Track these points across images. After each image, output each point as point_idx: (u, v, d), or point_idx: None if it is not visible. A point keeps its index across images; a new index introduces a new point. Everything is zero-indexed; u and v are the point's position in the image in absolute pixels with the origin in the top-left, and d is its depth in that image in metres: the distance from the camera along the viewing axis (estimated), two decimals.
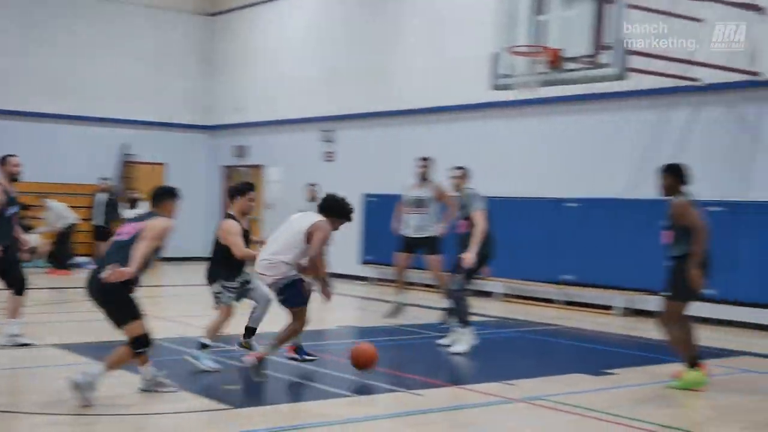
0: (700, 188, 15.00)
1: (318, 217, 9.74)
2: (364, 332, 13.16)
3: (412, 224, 13.90)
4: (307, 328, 9.81)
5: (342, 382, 9.42)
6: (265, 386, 9.26)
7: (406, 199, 14.11)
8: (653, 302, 15.62)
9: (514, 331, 11.47)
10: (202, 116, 26.47)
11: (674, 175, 9.78)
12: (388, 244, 20.65)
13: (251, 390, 9.09)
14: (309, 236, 9.59)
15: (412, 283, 15.79)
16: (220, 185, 26.31)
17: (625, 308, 15.87)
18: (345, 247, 19.28)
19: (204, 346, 9.92)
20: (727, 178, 14.91)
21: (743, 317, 14.56)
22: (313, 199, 18.67)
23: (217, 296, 10.14)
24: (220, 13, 26.43)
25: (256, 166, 25.16)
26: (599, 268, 16.22)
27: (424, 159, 14.20)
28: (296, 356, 10.45)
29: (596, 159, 16.60)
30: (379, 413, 8.15)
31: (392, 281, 16.89)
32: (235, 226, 10.24)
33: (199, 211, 26.33)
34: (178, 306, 16.26)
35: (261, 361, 9.31)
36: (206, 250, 26.84)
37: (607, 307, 15.96)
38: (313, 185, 18.85)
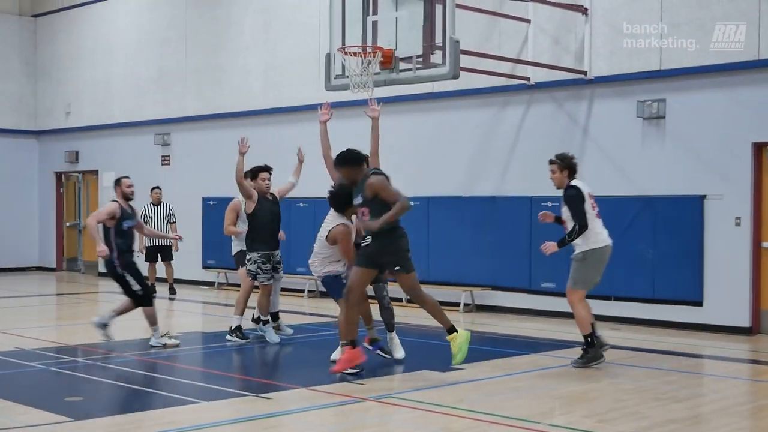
0: (535, 184, 15.57)
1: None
2: (210, 338, 13.02)
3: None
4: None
5: (191, 389, 9.30)
6: (111, 396, 9.11)
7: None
8: (496, 297, 16.03)
9: (360, 330, 11.54)
10: (30, 121, 25.63)
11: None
12: (228, 247, 20.55)
13: (96, 401, 8.89)
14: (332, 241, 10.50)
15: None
16: (54, 192, 25.57)
17: (467, 304, 16.18)
18: (187, 252, 19.03)
19: (266, 322, 12.28)
20: None
21: None
22: (158, 202, 18.40)
23: (250, 272, 12.18)
24: (43, 14, 25.58)
25: (91, 172, 24.55)
26: (442, 265, 16.50)
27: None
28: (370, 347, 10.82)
29: (433, 157, 16.86)
30: (228, 418, 8.07)
31: (236, 285, 16.74)
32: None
33: (33, 218, 25.64)
34: (11, 318, 15.68)
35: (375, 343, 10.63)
36: (43, 260, 25.92)
37: (454, 304, 16.21)
38: (158, 188, 18.56)
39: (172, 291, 18.55)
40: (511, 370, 10.46)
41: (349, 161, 10.04)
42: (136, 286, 11.58)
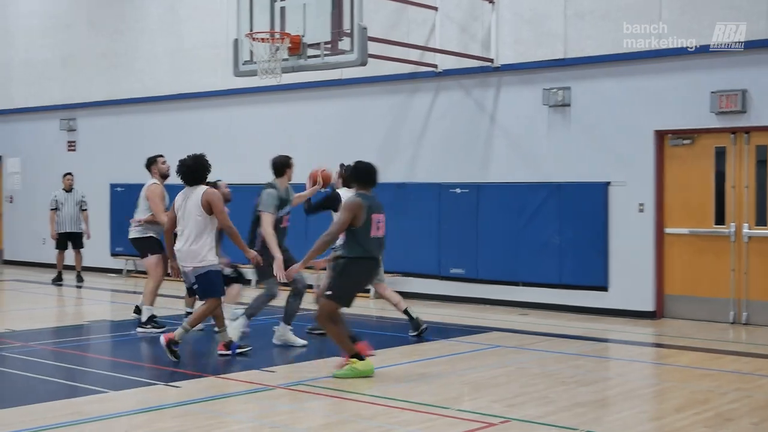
0: (444, 171, 15.69)
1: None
2: (119, 326, 12.87)
3: None
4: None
5: (99, 379, 9.20)
6: (14, 387, 8.95)
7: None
8: (406, 283, 16.09)
9: (271, 318, 11.54)
10: None
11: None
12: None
13: (2, 392, 8.73)
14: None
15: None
16: None
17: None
18: (95, 239, 18.76)
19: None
20: (468, 160, 15.50)
21: (488, 294, 15.20)
22: (70, 189, 18.11)
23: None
24: None
25: None
26: None
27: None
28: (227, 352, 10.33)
29: (343, 144, 16.84)
30: (135, 407, 7.99)
31: (145, 272, 16.63)
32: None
33: None
34: None
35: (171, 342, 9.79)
36: None
37: (364, 291, 16.22)
38: (69, 174, 18.26)
39: (80, 279, 18.29)
40: (421, 356, 10.56)
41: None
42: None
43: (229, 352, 10.25)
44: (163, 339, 9.90)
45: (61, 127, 21.79)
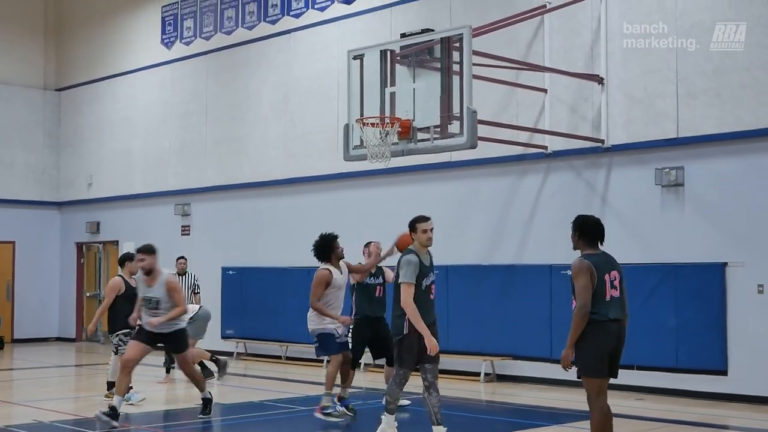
0: (554, 252, 15.51)
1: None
2: (229, 409, 12.93)
3: None
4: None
5: None
6: None
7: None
8: (516, 367, 15.89)
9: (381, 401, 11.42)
10: (52, 192, 25.83)
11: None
12: (247, 317, 20.39)
13: None
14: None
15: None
16: (75, 262, 25.65)
17: (487, 374, 16.03)
18: None
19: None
20: None
21: None
22: (183, 272, 18.43)
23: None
24: (67, 88, 25.93)
25: (111, 242, 24.64)
26: (462, 334, 16.36)
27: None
28: None
29: (453, 226, 16.81)
30: None
31: (256, 355, 16.69)
32: None
33: (54, 289, 25.71)
34: (30, 390, 15.68)
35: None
36: (63, 331, 25.85)
37: (474, 374, 16.08)
38: (182, 258, 18.61)
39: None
40: None
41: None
42: None
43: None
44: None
45: (176, 211, 22.28)
